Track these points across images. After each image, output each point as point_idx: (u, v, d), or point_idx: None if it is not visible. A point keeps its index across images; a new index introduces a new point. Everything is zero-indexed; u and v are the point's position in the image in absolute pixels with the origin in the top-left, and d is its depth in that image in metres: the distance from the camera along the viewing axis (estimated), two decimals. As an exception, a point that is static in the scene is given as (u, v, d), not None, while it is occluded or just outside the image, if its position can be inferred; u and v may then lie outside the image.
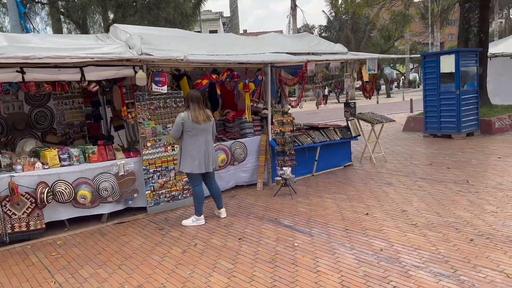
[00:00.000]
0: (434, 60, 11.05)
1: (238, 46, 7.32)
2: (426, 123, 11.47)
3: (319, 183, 7.14)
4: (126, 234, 5.16)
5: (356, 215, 5.29)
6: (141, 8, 20.82)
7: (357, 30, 38.38)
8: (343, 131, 8.29)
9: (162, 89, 5.46)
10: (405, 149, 9.94)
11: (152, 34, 6.40)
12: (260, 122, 7.37)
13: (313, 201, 6.02)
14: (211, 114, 5.48)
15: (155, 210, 5.89)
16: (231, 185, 6.92)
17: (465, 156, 8.61)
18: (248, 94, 6.89)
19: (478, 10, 11.84)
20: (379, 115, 8.92)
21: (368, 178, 7.32)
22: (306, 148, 7.53)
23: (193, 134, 5.21)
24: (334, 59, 7.71)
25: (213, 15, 58.59)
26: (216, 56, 6.20)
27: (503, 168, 7.26)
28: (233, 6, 25.00)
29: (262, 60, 6.50)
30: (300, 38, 8.78)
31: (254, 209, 5.81)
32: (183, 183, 6.09)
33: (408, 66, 50.14)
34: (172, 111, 6.02)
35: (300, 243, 4.43)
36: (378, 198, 5.99)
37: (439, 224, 4.73)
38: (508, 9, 37.58)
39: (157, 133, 5.88)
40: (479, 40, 11.91)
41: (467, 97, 10.81)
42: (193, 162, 5.20)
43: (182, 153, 5.27)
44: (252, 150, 7.02)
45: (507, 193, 5.75)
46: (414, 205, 5.53)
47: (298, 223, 5.09)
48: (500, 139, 10.33)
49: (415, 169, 7.72)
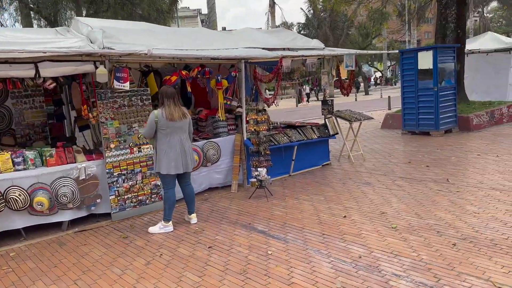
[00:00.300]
0: (412, 56, 10.93)
1: (210, 41, 6.95)
2: (404, 120, 11.36)
3: (296, 184, 6.86)
4: (87, 244, 4.75)
5: (333, 218, 5.02)
6: (114, 3, 20.15)
7: (335, 28, 38.44)
8: (320, 130, 8.04)
9: (124, 85, 5.06)
10: (384, 147, 9.77)
11: (115, 27, 5.98)
12: (235, 121, 7.04)
13: (290, 203, 5.73)
14: (187, 111, 5.14)
15: (120, 217, 5.49)
16: (204, 188, 6.56)
17: (444, 153, 8.48)
18: (221, 92, 6.55)
19: (455, 6, 11.78)
20: (357, 113, 8.71)
21: (346, 177, 7.08)
22: (283, 148, 7.24)
23: (168, 133, 4.86)
24: (311, 55, 7.43)
25: (191, 12, 57.82)
26: (186, 51, 5.82)
27: (482, 166, 7.14)
28: (210, 2, 24.54)
29: (235, 56, 6.15)
30: (276, 34, 8.48)
31: (227, 213, 5.48)
32: (151, 186, 5.70)
33: (385, 64, 50.59)
34: (138, 110, 5.62)
35: (274, 251, 4.12)
36: (357, 199, 5.75)
37: (420, 227, 4.50)
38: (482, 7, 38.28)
39: (121, 134, 5.47)
40: (457, 36, 11.86)
41: (445, 93, 10.73)
42: (170, 163, 4.86)
43: (157, 153, 4.92)
44: (226, 150, 6.68)
45: (488, 192, 5.58)
46: (393, 206, 5.30)
47: (273, 228, 4.78)
48: (478, 136, 10.28)
49: (394, 168, 7.53)
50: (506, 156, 7.71)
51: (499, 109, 11.91)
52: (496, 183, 6.02)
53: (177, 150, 4.91)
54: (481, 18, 41.63)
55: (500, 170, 6.72)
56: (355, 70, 8.55)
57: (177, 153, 4.91)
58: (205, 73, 6.28)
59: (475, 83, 13.75)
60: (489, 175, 6.49)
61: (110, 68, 5.31)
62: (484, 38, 14.67)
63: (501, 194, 5.46)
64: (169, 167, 4.89)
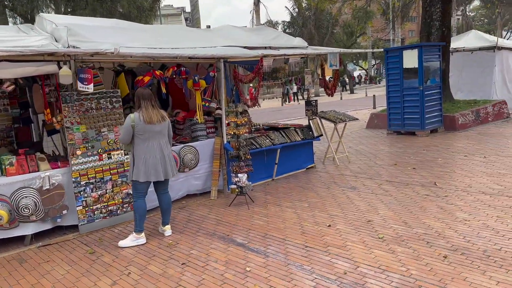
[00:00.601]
0: (397, 55, 10.73)
1: (187, 39, 6.60)
2: (390, 120, 11.16)
3: (279, 189, 6.55)
4: (50, 260, 4.35)
5: (317, 227, 4.72)
6: (92, 1, 19.54)
7: (320, 27, 38.31)
8: (304, 131, 7.74)
9: (88, 87, 4.66)
10: (369, 147, 9.54)
11: (83, 24, 5.56)
12: (214, 124, 6.69)
13: (272, 211, 5.41)
14: (166, 114, 4.80)
15: (89, 229, 5.09)
16: (181, 195, 6.20)
17: (430, 154, 8.28)
18: (199, 93, 6.19)
19: (440, 3, 11.62)
20: (342, 113, 8.45)
21: (331, 181, 6.80)
22: (265, 151, 6.92)
23: (146, 138, 4.53)
24: (293, 54, 7.13)
25: (174, 10, 57.06)
26: (159, 50, 5.45)
27: (470, 168, 6.94)
28: (193, 0, 24.10)
29: (211, 54, 5.80)
30: (257, 32, 8.15)
31: (205, 224, 5.13)
32: (122, 195, 5.32)
33: (370, 63, 50.75)
34: (108, 113, 5.22)
35: (252, 267, 3.80)
36: (342, 205, 5.46)
37: (408, 237, 4.23)
38: (465, 6, 38.60)
39: (89, 139, 5.07)
40: (442, 34, 11.71)
41: (431, 92, 10.56)
42: (149, 170, 4.53)
43: (135, 160, 4.57)
44: (204, 155, 6.33)
45: (477, 197, 5.36)
46: (380, 214, 5.02)
47: (253, 240, 4.45)
48: (464, 136, 10.14)
49: (379, 170, 7.28)
50: (494, 157, 7.54)
51: (484, 108, 11.81)
52: (485, 186, 5.81)
53: (157, 156, 4.58)
54: (463, 16, 42.00)
55: (488, 172, 6.53)
56: (340, 69, 8.30)
57: (157, 159, 4.58)
58: (181, 73, 5.92)
59: (460, 81, 13.66)
60: (477, 177, 6.29)
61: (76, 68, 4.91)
62: (468, 36, 14.60)
63: (491, 199, 5.24)
64: (149, 174, 4.55)
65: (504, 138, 9.44)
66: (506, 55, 13.56)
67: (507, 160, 7.24)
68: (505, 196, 5.29)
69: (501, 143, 8.87)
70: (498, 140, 9.25)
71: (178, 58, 5.77)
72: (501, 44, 13.39)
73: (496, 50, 13.08)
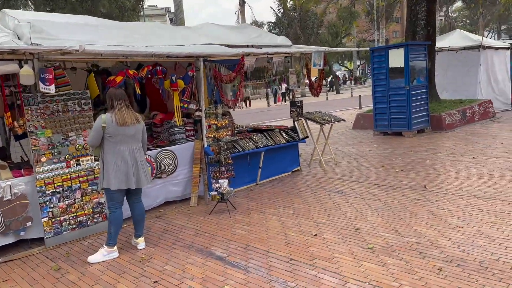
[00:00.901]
0: (383, 54, 10.52)
1: (165, 36, 6.22)
2: (376, 120, 10.95)
3: (264, 194, 6.23)
4: (10, 279, 3.94)
5: (303, 237, 4.41)
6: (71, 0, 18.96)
7: (305, 27, 38.18)
8: (289, 133, 7.44)
9: (49, 88, 4.26)
10: (356, 149, 9.30)
11: (48, 21, 5.16)
12: (194, 126, 6.33)
13: (255, 219, 5.09)
14: (140, 117, 4.44)
15: (56, 242, 4.68)
16: (159, 202, 5.83)
17: (418, 155, 8.07)
18: (176, 93, 5.84)
19: (425, 2, 11.48)
20: (328, 114, 8.17)
21: (317, 185, 6.51)
22: (249, 154, 6.60)
23: (118, 141, 4.17)
24: (276, 52, 6.83)
25: (159, 10, 56.43)
26: (132, 48, 5.07)
27: (460, 169, 6.73)
28: (177, 0, 23.63)
29: (188, 53, 5.44)
30: (239, 30, 7.82)
31: (183, 234, 4.77)
32: (92, 205, 4.92)
33: (355, 63, 50.90)
34: (76, 116, 4.83)
35: (231, 284, 3.46)
36: (329, 212, 5.17)
37: (399, 247, 3.95)
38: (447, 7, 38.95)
39: (55, 145, 4.67)
40: (427, 33, 11.57)
41: (417, 92, 10.38)
42: (120, 177, 4.16)
43: (104, 166, 4.19)
44: (183, 159, 5.97)
45: (469, 201, 5.13)
46: (369, 220, 4.74)
47: (233, 253, 4.12)
48: (452, 136, 9.98)
49: (367, 173, 7.02)
50: (483, 158, 7.36)
51: (470, 108, 11.70)
52: (477, 189, 5.58)
53: (129, 162, 4.22)
54: (446, 17, 42.39)
55: (478, 174, 6.32)
56: (325, 68, 8.05)
57: (129, 165, 4.22)
58: (157, 72, 5.55)
59: (445, 81, 13.55)
60: (468, 180, 6.07)
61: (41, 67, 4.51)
62: (453, 36, 14.52)
63: (484, 203, 5.01)
64: (120, 182, 4.18)
65: (491, 138, 9.30)
66: (490, 54, 13.51)
67: (496, 161, 7.06)
68: (498, 200, 5.07)
69: (489, 143, 8.72)
70: (485, 140, 9.10)
71: (154, 57, 5.42)
72: (485, 44, 13.33)
73: (480, 49, 13.00)
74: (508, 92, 14.33)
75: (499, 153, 7.69)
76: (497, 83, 13.87)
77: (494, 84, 13.75)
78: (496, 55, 13.81)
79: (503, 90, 14.15)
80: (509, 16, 37.28)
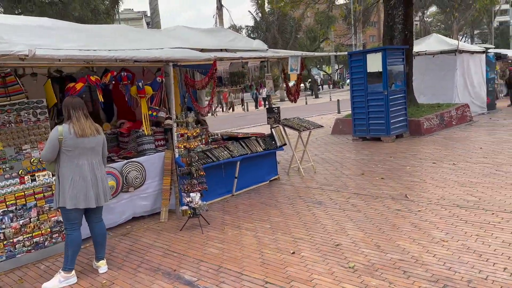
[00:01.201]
0: (361, 59, 10.39)
1: (132, 40, 5.84)
2: (355, 125, 10.80)
3: (239, 207, 5.90)
4: (-50, 313, 3.49)
5: (279, 255, 4.10)
6: (39, 2, 18.27)
7: (283, 31, 38.17)
8: (266, 141, 7.14)
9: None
10: (335, 155, 9.08)
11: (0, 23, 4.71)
12: (164, 135, 5.96)
13: (229, 236, 4.75)
14: (100, 128, 4.05)
15: (9, 266, 4.23)
16: (126, 218, 5.42)
17: (397, 162, 7.91)
18: (144, 101, 5.46)
19: (402, 7, 11.43)
20: (306, 121, 7.92)
21: (296, 196, 6.23)
22: (223, 164, 6.26)
23: (75, 155, 3.78)
24: (250, 57, 6.53)
25: (135, 14, 55.57)
26: (92, 52, 4.68)
27: (440, 176, 6.56)
28: (153, 3, 23.08)
29: (155, 57, 5.08)
30: (213, 33, 7.49)
31: (150, 255, 4.40)
32: (50, 224, 4.49)
33: (333, 67, 51.23)
34: (30, 127, 4.40)
35: (200, 315, 3.12)
36: (307, 225, 4.88)
37: (382, 265, 3.68)
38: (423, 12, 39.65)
39: (6, 159, 4.23)
40: (404, 37, 11.51)
41: (396, 97, 10.28)
42: (77, 194, 3.78)
43: (60, 182, 3.79)
44: (153, 171, 5.58)
45: (452, 211, 4.93)
46: (349, 235, 4.47)
47: (204, 276, 3.77)
48: (430, 141, 9.89)
49: (347, 181, 6.79)
50: (463, 164, 7.23)
51: (448, 112, 11.69)
52: (459, 198, 5.41)
53: (87, 178, 3.83)
54: (421, 22, 43.16)
55: (460, 182, 6.16)
56: (304, 73, 7.81)
57: (87, 181, 3.83)
58: (122, 78, 5.17)
59: (422, 85, 13.53)
60: (449, 188, 5.89)
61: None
62: (430, 40, 14.57)
63: (467, 213, 4.82)
64: (77, 200, 3.80)
65: (470, 142, 9.25)
66: (466, 59, 13.59)
67: (476, 167, 6.93)
68: (481, 210, 4.89)
69: (467, 148, 8.64)
70: (464, 145, 9.03)
71: (118, 62, 5.03)
72: (461, 48, 13.40)
73: (457, 53, 13.05)
74: (484, 95, 14.46)
75: (478, 158, 7.59)
76: (473, 87, 13.96)
77: (470, 88, 13.84)
78: (472, 59, 13.91)
79: (479, 94, 14.26)
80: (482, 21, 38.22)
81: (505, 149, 8.14)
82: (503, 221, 4.48)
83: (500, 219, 4.53)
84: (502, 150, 8.11)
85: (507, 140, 9.15)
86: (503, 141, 9.07)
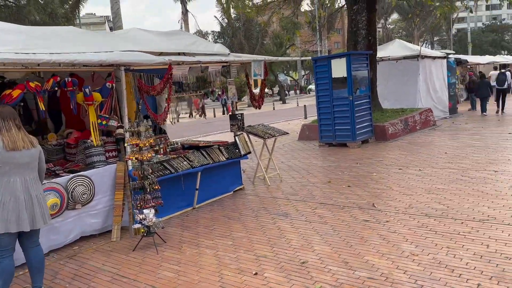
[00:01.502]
0: (326, 64, 10.25)
1: (80, 43, 5.37)
2: (321, 131, 10.64)
3: (200, 221, 5.50)
4: None
5: (241, 277, 3.74)
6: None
7: (250, 37, 38.13)
8: (230, 150, 6.79)
9: None
10: (302, 162, 8.85)
11: None
12: (116, 146, 5.49)
13: (186, 256, 4.35)
14: (36, 140, 3.57)
15: None
16: (73, 238, 4.90)
17: (364, 168, 7.75)
18: (92, 108, 5.00)
19: (365, 12, 11.43)
20: (271, 128, 7.64)
21: (260, 207, 5.90)
22: (183, 176, 5.85)
23: (6, 172, 3.32)
24: (210, 61, 6.18)
25: (97, 18, 53.94)
26: (31, 55, 4.19)
27: (407, 183, 6.42)
28: (115, 7, 22.31)
29: (100, 60, 4.63)
30: (172, 36, 7.07)
31: (96, 280, 3.93)
32: (-20, 250, 3.94)
33: (300, 73, 51.67)
34: (-46, 141, 3.84)
35: None
36: (272, 241, 4.56)
37: (350, 285, 3.40)
38: (385, 18, 40.69)
39: None
40: (368, 42, 11.51)
41: (361, 102, 10.20)
42: (9, 217, 3.32)
43: None
44: (103, 186, 5.10)
45: (421, 221, 4.74)
46: (316, 250, 4.18)
47: (155, 305, 3.37)
48: (396, 146, 9.85)
49: (313, 190, 6.54)
50: (428, 170, 7.15)
51: (412, 116, 11.76)
52: (427, 206, 5.25)
53: (20, 198, 3.37)
54: (383, 28, 44.28)
55: (426, 189, 6.03)
56: (272, 78, 7.53)
57: (20, 202, 3.37)
58: (66, 84, 4.69)
59: (386, 90, 13.59)
60: (416, 195, 5.74)
61: None
62: (393, 45, 14.73)
63: (436, 223, 4.64)
64: (8, 223, 3.32)
65: (434, 147, 9.25)
66: (428, 64, 13.80)
67: (442, 173, 6.86)
68: (450, 219, 4.73)
69: (432, 153, 8.62)
70: (429, 150, 9.02)
71: (63, 66, 4.55)
72: (424, 53, 13.59)
73: (419, 59, 13.21)
74: (446, 100, 14.73)
75: (444, 163, 7.54)
76: (435, 92, 14.18)
77: (432, 93, 14.04)
78: (434, 64, 14.14)
79: (441, 99, 14.51)
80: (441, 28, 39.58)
81: (469, 154, 8.17)
82: (473, 231, 4.33)
83: (470, 229, 4.37)
84: (467, 155, 8.13)
85: (470, 144, 9.23)
86: (467, 145, 9.14)
